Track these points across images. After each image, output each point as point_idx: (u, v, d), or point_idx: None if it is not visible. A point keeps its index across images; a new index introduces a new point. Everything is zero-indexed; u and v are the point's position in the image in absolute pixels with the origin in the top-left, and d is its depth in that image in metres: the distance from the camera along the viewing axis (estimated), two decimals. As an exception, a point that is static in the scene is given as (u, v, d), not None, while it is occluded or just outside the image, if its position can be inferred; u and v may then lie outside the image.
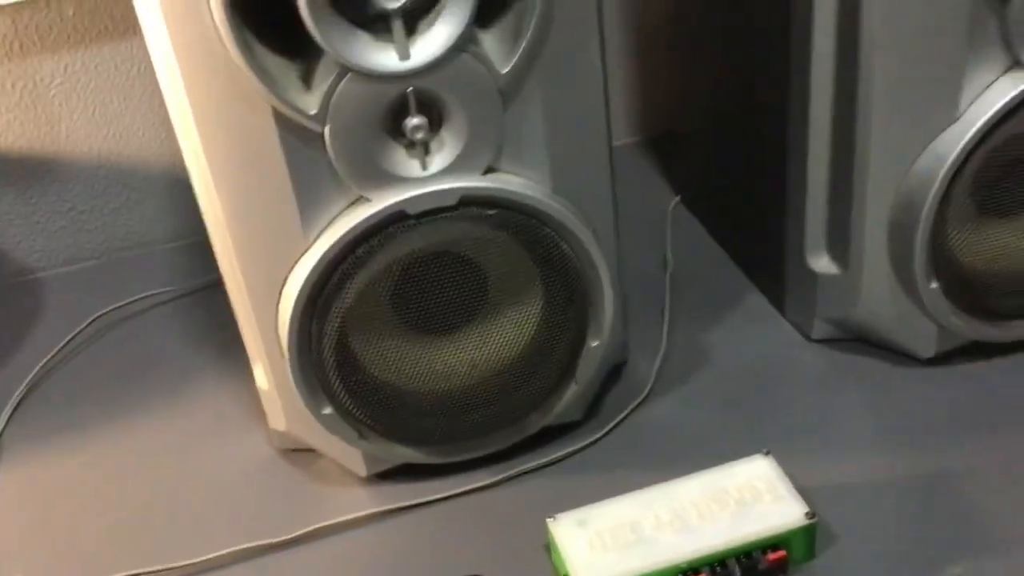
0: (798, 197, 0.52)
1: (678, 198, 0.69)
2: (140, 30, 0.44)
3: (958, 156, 0.45)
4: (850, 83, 0.46)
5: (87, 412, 0.58)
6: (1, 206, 0.69)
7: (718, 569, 0.42)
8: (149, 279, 0.68)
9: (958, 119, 0.46)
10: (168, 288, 0.67)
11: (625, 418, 0.53)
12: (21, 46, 0.64)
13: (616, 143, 0.76)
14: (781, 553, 0.43)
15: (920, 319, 0.51)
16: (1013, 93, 0.44)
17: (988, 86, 0.45)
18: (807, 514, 0.43)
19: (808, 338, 0.56)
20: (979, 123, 0.45)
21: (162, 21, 0.39)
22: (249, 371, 0.52)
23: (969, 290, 0.50)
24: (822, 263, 0.53)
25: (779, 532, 0.43)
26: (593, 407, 0.53)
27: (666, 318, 0.59)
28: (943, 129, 0.46)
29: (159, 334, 0.63)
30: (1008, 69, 0.45)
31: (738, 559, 0.43)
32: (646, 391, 0.54)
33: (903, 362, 0.53)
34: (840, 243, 0.51)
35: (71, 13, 0.64)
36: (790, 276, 0.55)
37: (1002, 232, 0.50)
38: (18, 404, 0.59)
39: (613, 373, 0.55)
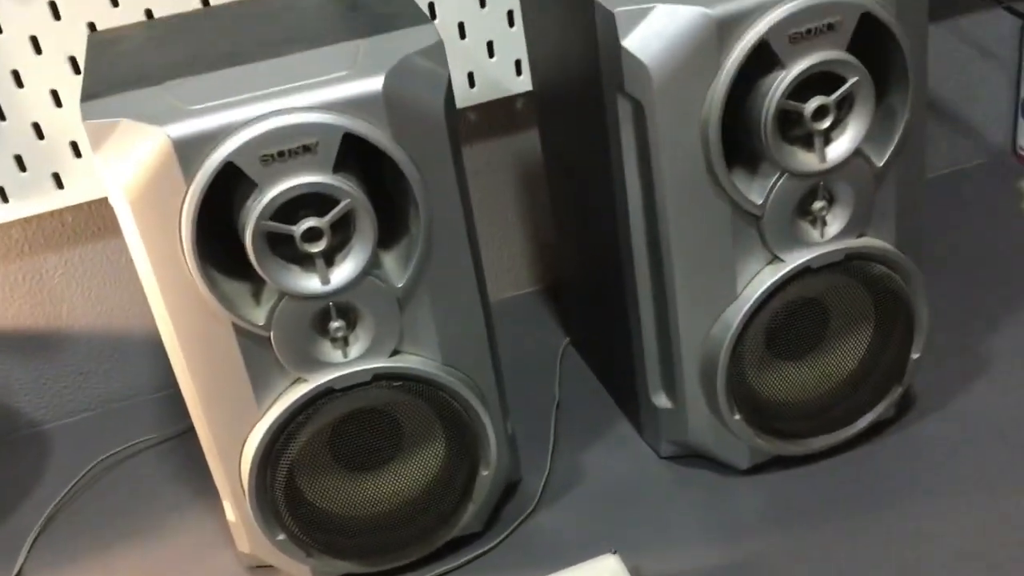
0: (639, 345, 0.68)
1: (567, 340, 0.85)
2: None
3: (739, 323, 0.62)
4: (659, 267, 0.63)
5: (90, 544, 0.72)
6: (14, 372, 0.84)
7: (574, 643, 0.57)
8: (139, 426, 0.83)
9: (738, 297, 0.62)
10: (154, 435, 0.82)
11: (516, 528, 0.68)
12: (30, 247, 0.80)
13: (518, 292, 0.92)
14: (620, 630, 0.58)
15: (734, 440, 0.67)
16: (773, 279, 0.61)
17: (756, 274, 0.62)
18: (640, 598, 0.59)
19: (659, 455, 0.71)
20: (751, 301, 0.61)
21: (146, 256, 0.55)
22: (220, 505, 0.67)
23: (767, 418, 0.66)
24: (660, 399, 0.69)
25: (618, 612, 0.58)
26: (492, 519, 0.68)
27: (551, 444, 0.74)
28: (729, 304, 0.62)
29: (148, 475, 0.78)
30: (770, 262, 0.62)
31: (589, 635, 0.58)
32: (533, 505, 0.69)
33: (727, 472, 0.69)
34: (668, 384, 0.67)
35: (70, 220, 0.80)
36: (642, 408, 0.71)
37: (789, 371, 0.67)
38: (34, 540, 0.73)
39: (509, 490, 0.70)
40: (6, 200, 0.76)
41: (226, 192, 0.55)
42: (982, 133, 0.99)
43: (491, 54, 0.81)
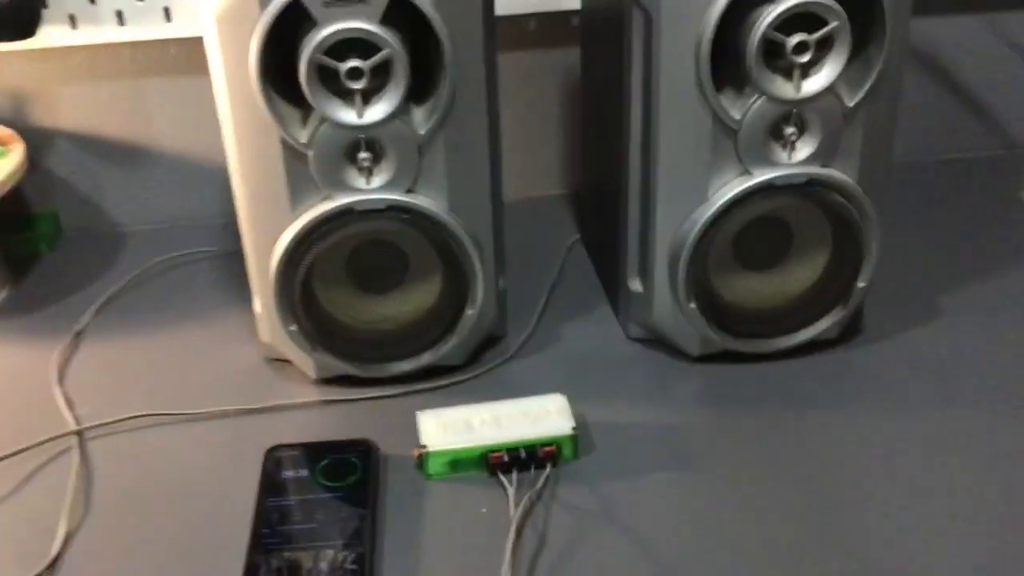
0: (624, 236, 0.78)
1: (577, 238, 0.95)
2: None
3: (704, 223, 0.71)
4: (647, 166, 0.73)
5: (138, 322, 0.86)
6: (106, 175, 0.97)
7: (511, 452, 0.68)
8: (199, 241, 0.97)
9: (707, 200, 0.72)
10: (212, 248, 0.95)
11: (489, 369, 0.79)
12: (136, 69, 0.93)
13: (547, 193, 1.03)
14: (552, 448, 0.69)
15: (689, 329, 0.77)
16: (739, 189, 0.71)
17: (727, 183, 0.71)
18: (573, 428, 0.69)
19: (627, 336, 0.82)
20: (717, 205, 0.71)
21: (222, 71, 0.67)
22: (252, 310, 0.79)
23: (720, 314, 0.76)
24: (635, 284, 0.79)
25: (552, 436, 0.69)
26: (472, 360, 0.80)
27: (538, 313, 0.85)
28: (699, 205, 0.72)
29: (197, 279, 0.91)
30: (740, 174, 0.71)
31: (525, 448, 0.69)
32: (509, 354, 0.80)
33: (680, 357, 0.79)
34: (643, 271, 0.77)
35: (173, 51, 0.93)
36: (620, 292, 0.81)
37: (749, 279, 0.76)
38: (96, 312, 0.87)
39: (494, 341, 0.82)
40: (122, 23, 0.89)
41: (292, 35, 0.67)
42: (1007, 127, 1.06)
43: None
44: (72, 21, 0.89)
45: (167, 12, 0.89)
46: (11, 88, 0.93)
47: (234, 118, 0.68)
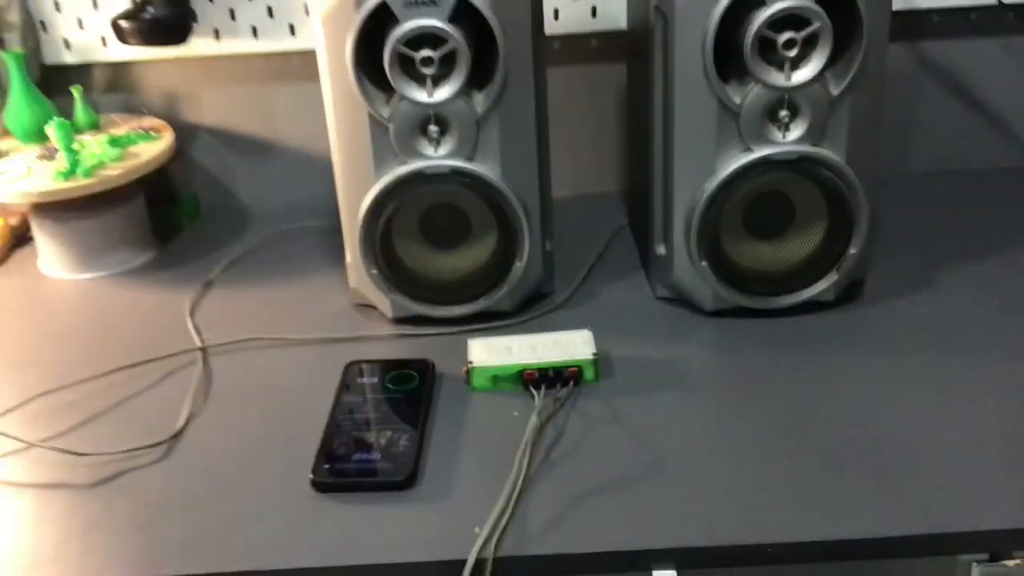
0: (650, 209, 0.93)
1: (626, 223, 1.10)
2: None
3: (711, 192, 0.86)
4: (668, 147, 0.88)
5: (255, 275, 1.05)
6: (236, 165, 1.18)
7: (541, 371, 0.83)
8: (310, 219, 1.16)
9: (715, 173, 0.86)
10: (319, 223, 1.14)
11: (535, 317, 0.94)
12: (266, 76, 1.13)
13: (604, 190, 1.18)
14: (575, 370, 0.83)
15: (702, 285, 0.91)
16: (741, 163, 0.85)
17: (732, 158, 0.86)
18: (594, 354, 0.84)
19: (655, 295, 0.96)
20: (722, 177, 0.85)
21: (326, 61, 0.86)
22: (346, 273, 0.97)
23: (729, 273, 0.90)
24: (660, 248, 0.93)
25: (576, 359, 0.83)
26: (521, 309, 0.95)
27: (583, 276, 1.00)
28: (708, 177, 0.87)
29: (306, 247, 1.10)
30: (743, 151, 0.86)
31: (553, 369, 0.83)
32: (554, 305, 0.96)
33: (697, 311, 0.93)
34: (666, 235, 0.92)
35: (296, 62, 1.13)
36: (650, 257, 0.96)
37: (757, 245, 0.90)
38: (224, 269, 1.07)
39: (540, 297, 0.97)
40: (256, 37, 1.10)
41: (379, 32, 0.85)
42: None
43: (612, -5, 1.08)
44: (216, 34, 1.11)
45: (292, 28, 1.10)
46: (165, 88, 1.14)
47: (334, 98, 0.87)
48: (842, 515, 0.69)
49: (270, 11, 1.09)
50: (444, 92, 0.84)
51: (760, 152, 0.85)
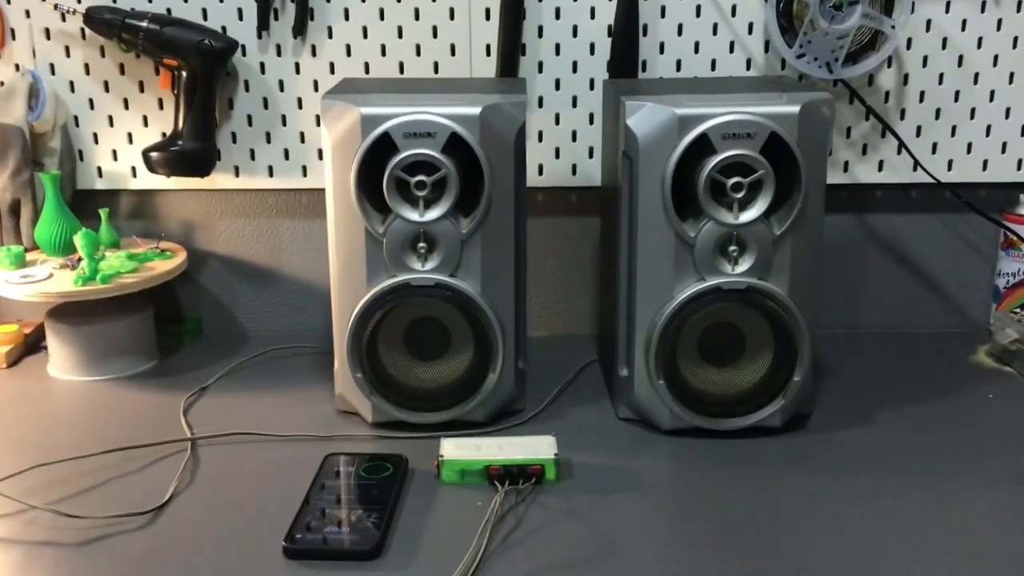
0: (615, 334, 1.02)
1: (596, 358, 1.19)
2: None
3: (668, 315, 0.95)
4: (631, 276, 0.98)
5: (255, 386, 1.13)
6: (241, 290, 1.28)
7: (506, 467, 0.90)
8: (304, 342, 1.25)
9: (672, 300, 0.96)
10: (313, 346, 1.23)
11: (505, 428, 1.02)
12: (276, 211, 1.25)
13: (580, 332, 1.28)
14: (538, 468, 0.90)
15: (661, 405, 0.99)
16: (694, 289, 0.95)
17: (687, 287, 0.96)
18: (555, 454, 0.91)
19: (618, 416, 1.04)
20: (678, 302, 0.95)
21: (332, 180, 0.97)
22: (334, 389, 1.05)
23: (684, 395, 0.98)
24: (623, 370, 1.02)
25: (539, 458, 0.90)
26: (493, 420, 1.03)
27: (551, 397, 1.08)
28: (666, 303, 0.96)
29: (299, 364, 1.18)
30: (698, 280, 0.96)
31: (517, 466, 0.90)
32: (521, 421, 1.03)
33: (655, 432, 1.00)
34: (628, 357, 1.01)
35: (305, 199, 1.25)
36: (613, 380, 1.04)
37: (710, 371, 0.98)
38: (219, 377, 1.15)
39: (511, 414, 1.05)
40: (271, 175, 1.23)
41: (379, 159, 0.97)
42: (966, 308, 1.27)
43: (590, 155, 1.22)
44: (236, 171, 1.23)
45: (304, 169, 1.22)
46: (184, 217, 1.26)
47: (335, 213, 0.98)
48: (772, 594, 0.74)
49: (286, 153, 1.22)
50: (434, 213, 0.95)
51: (712, 281, 0.95)
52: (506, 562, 0.79)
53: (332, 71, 1.20)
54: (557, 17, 1.18)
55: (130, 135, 1.23)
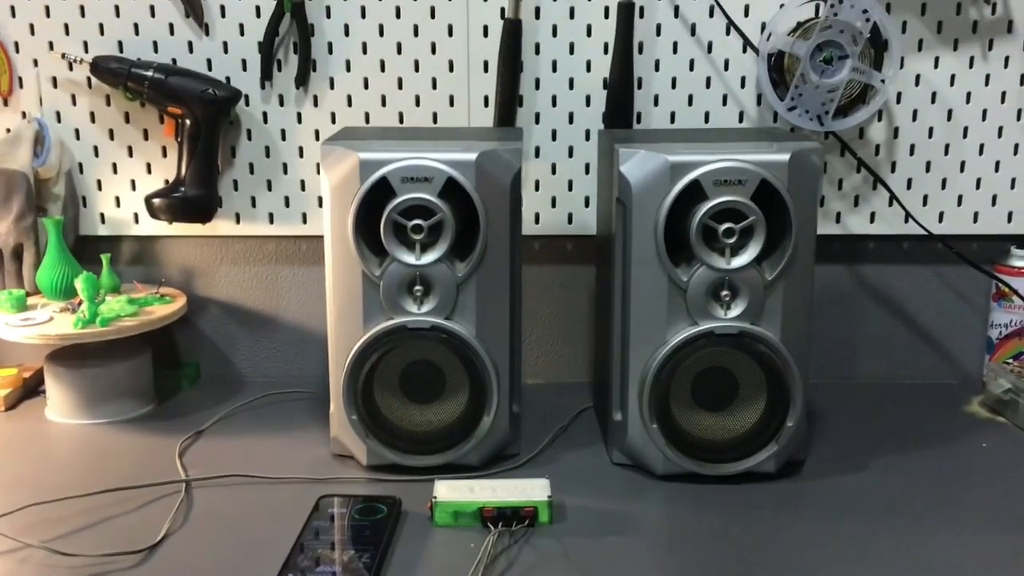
0: (609, 378, 1.02)
1: (590, 405, 1.20)
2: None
3: (661, 359, 0.96)
4: (625, 321, 0.99)
5: (246, 431, 1.13)
6: (239, 336, 1.29)
7: (499, 509, 0.90)
8: (302, 386, 1.25)
9: (665, 344, 0.97)
10: (308, 391, 1.23)
11: (499, 472, 1.02)
12: (276, 258, 1.27)
13: (578, 380, 1.28)
14: (531, 510, 0.90)
15: (654, 449, 0.99)
16: (688, 334, 0.96)
17: (680, 331, 0.97)
18: (549, 496, 0.91)
19: (612, 461, 1.04)
20: (671, 346, 0.96)
21: (330, 224, 0.98)
22: (329, 434, 1.06)
23: (678, 439, 0.98)
24: (617, 415, 1.02)
25: (533, 501, 0.90)
26: (488, 463, 1.03)
27: (545, 441, 1.08)
28: (659, 347, 0.97)
29: (296, 408, 1.19)
30: (690, 324, 0.97)
31: (511, 508, 0.90)
32: (515, 465, 1.03)
33: (649, 476, 1.00)
34: (622, 402, 1.01)
35: (304, 247, 1.26)
36: (608, 424, 1.05)
37: (703, 416, 0.99)
38: (216, 421, 1.15)
39: (506, 457, 1.05)
40: (272, 222, 1.24)
41: (377, 203, 0.98)
42: (959, 359, 1.28)
43: (586, 204, 1.23)
44: (237, 217, 1.25)
45: (304, 216, 1.24)
46: (184, 263, 1.27)
47: (334, 257, 0.99)
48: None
49: (287, 201, 1.24)
50: (430, 256, 0.97)
51: (705, 326, 0.96)
52: (498, 602, 0.79)
53: (333, 121, 1.22)
54: (554, 70, 1.20)
55: (133, 182, 1.25)
